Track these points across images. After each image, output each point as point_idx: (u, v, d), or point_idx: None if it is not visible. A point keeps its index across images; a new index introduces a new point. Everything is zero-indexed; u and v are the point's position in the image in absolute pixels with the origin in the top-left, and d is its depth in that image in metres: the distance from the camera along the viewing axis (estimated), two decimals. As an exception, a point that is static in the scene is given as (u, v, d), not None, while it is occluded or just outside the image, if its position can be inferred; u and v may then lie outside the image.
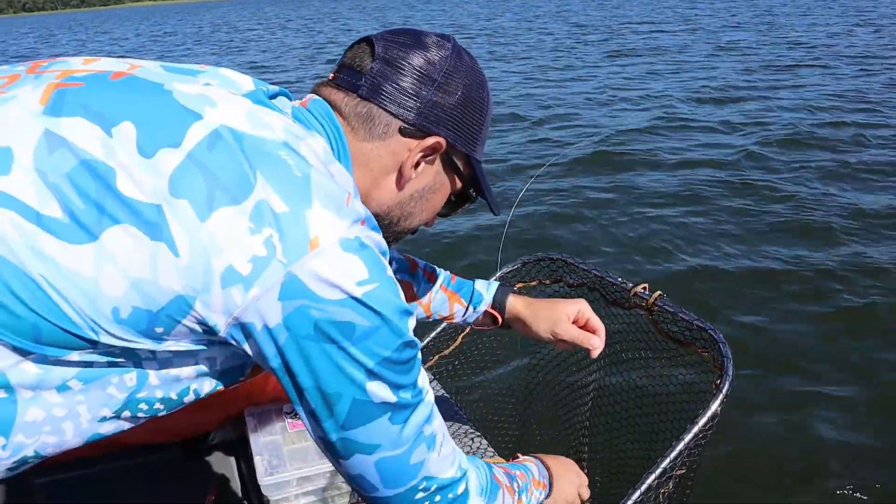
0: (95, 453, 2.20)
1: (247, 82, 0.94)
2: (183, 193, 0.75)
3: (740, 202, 5.72)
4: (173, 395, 0.88)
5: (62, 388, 0.80)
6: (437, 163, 1.01)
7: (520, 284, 1.73)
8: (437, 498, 0.94)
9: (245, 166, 0.78)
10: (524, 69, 12.72)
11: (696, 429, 1.26)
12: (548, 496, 1.25)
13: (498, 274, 1.72)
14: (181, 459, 2.26)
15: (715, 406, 1.29)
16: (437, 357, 1.75)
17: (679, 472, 1.31)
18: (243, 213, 0.76)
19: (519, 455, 1.31)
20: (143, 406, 0.87)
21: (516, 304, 1.47)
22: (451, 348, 1.74)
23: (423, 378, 0.91)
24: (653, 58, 12.51)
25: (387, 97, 0.95)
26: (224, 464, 2.14)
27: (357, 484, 0.91)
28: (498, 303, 1.48)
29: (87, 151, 0.76)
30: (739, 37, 14.49)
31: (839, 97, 8.95)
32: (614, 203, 5.85)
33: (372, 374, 0.82)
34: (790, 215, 5.40)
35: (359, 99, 0.96)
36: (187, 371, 0.87)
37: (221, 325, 0.78)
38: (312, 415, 0.84)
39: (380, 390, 0.83)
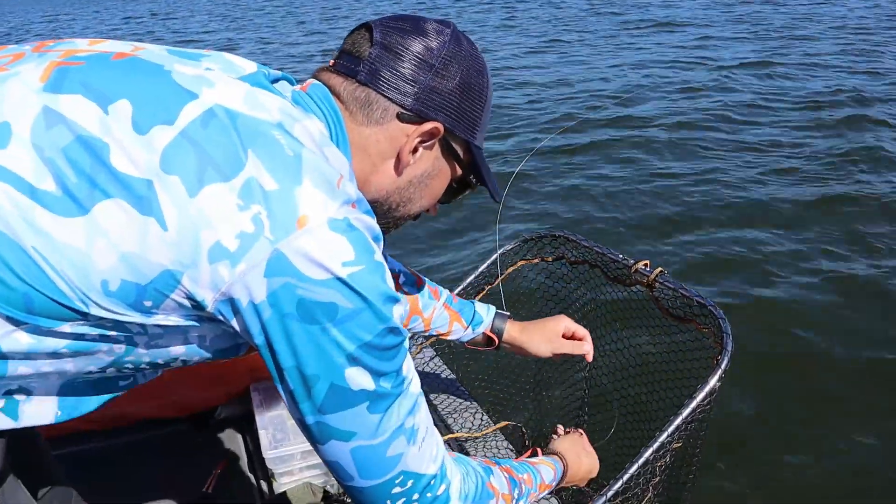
0: (108, 426, 2.25)
1: (249, 66, 0.95)
2: (174, 169, 0.77)
3: (744, 176, 5.70)
4: (160, 362, 0.91)
5: (52, 354, 0.83)
6: (436, 148, 1.02)
7: (521, 262, 1.74)
8: (416, 496, 0.93)
9: (237, 144, 0.79)
10: (535, 41, 12.61)
11: (693, 403, 1.27)
12: (559, 482, 1.30)
13: (499, 252, 1.73)
14: (190, 434, 2.29)
15: (713, 381, 1.31)
16: (433, 337, 1.76)
17: (677, 446, 1.33)
18: (233, 190, 0.77)
19: (538, 451, 1.34)
20: (129, 365, 0.90)
21: (512, 329, 1.56)
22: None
23: (409, 368, 0.90)
24: (667, 32, 12.35)
25: (385, 82, 0.95)
26: (231, 438, 2.17)
27: (333, 470, 0.90)
28: (496, 328, 1.55)
29: (83, 127, 0.78)
30: (755, 9, 14.31)
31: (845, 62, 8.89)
32: (615, 178, 5.83)
33: (352, 359, 0.81)
34: (795, 189, 5.38)
35: (357, 84, 0.96)
36: (176, 349, 0.89)
37: (209, 300, 0.78)
38: (291, 395, 0.84)
39: (359, 376, 0.83)
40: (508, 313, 1.58)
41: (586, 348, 1.52)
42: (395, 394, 0.87)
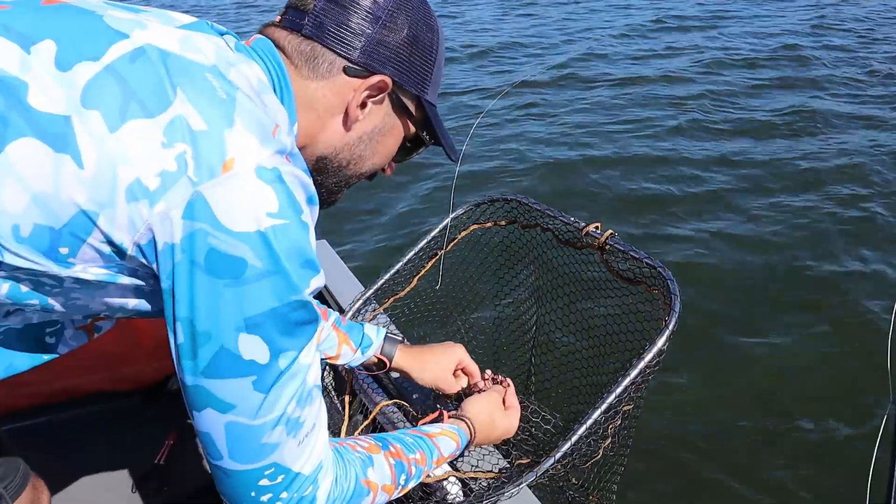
0: (55, 401, 2.21)
1: (192, 19, 0.91)
2: (95, 104, 0.74)
3: (693, 135, 5.78)
4: (79, 316, 0.89)
5: None
6: (386, 104, 0.99)
7: (474, 226, 1.73)
8: (284, 494, 0.87)
9: (166, 82, 0.76)
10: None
11: (641, 364, 1.28)
12: (463, 450, 1.26)
13: (451, 216, 1.71)
14: (141, 406, 2.27)
15: (661, 342, 1.31)
16: (391, 299, 1.75)
17: (626, 408, 1.34)
18: (157, 126, 0.74)
19: (445, 414, 1.29)
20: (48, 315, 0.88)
21: (401, 356, 1.49)
22: (406, 291, 1.74)
23: (311, 354, 0.85)
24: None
25: (330, 35, 0.93)
26: (182, 409, 2.14)
27: (204, 444, 0.84)
28: (386, 352, 1.49)
29: (1, 68, 0.74)
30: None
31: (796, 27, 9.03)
32: (570, 138, 5.86)
33: (249, 326, 0.76)
34: (743, 147, 5.47)
35: (302, 38, 0.93)
36: (96, 302, 0.85)
37: (127, 242, 0.75)
38: (177, 349, 0.79)
39: (252, 346, 0.77)
40: (400, 337, 1.54)
41: (463, 384, 1.49)
42: (287, 374, 0.81)
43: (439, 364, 1.49)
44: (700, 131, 5.91)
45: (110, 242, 0.75)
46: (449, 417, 1.28)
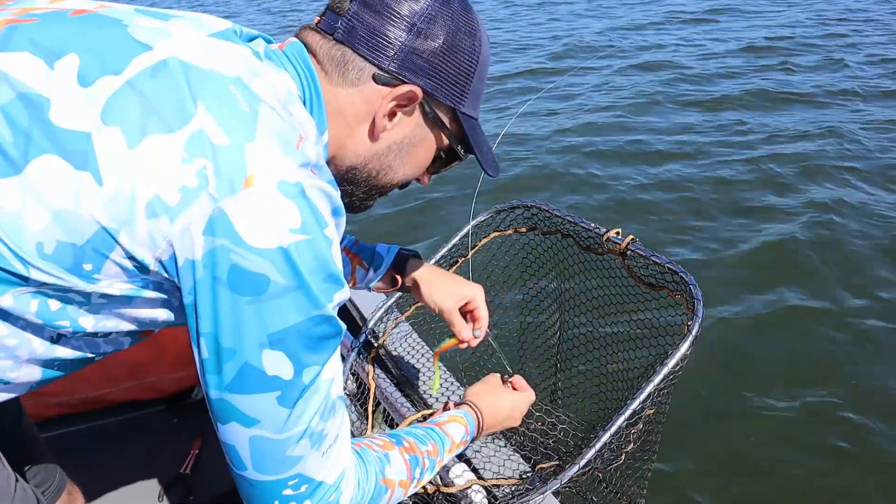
0: (82, 410, 2.24)
1: (221, 24, 0.91)
2: (115, 120, 0.74)
3: (719, 147, 5.73)
4: (108, 332, 0.87)
5: (5, 319, 0.80)
6: (417, 114, 0.96)
7: (495, 234, 1.73)
8: (307, 503, 0.87)
9: (186, 95, 0.76)
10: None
11: (665, 370, 1.27)
12: (474, 439, 1.24)
13: (472, 223, 1.72)
14: (166, 415, 2.29)
15: (685, 347, 1.30)
16: (413, 307, 1.75)
17: (649, 413, 1.33)
18: (177, 142, 0.73)
19: (450, 405, 1.28)
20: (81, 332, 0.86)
21: (416, 267, 1.43)
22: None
23: (334, 368, 0.84)
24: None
25: (361, 41, 0.91)
26: (207, 418, 2.16)
27: (228, 455, 0.84)
28: (398, 265, 1.43)
29: (25, 84, 0.75)
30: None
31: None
32: (590, 148, 5.83)
33: (273, 342, 0.76)
34: (769, 161, 5.41)
35: (334, 42, 0.92)
36: (125, 324, 0.85)
37: (149, 259, 0.75)
38: (202, 364, 0.79)
39: (276, 362, 0.77)
40: (416, 252, 1.47)
41: (465, 335, 1.38)
42: (311, 389, 0.81)
43: (451, 288, 1.39)
44: (734, 135, 5.85)
45: (132, 258, 0.75)
46: (454, 406, 1.27)
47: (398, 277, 1.43)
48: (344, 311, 2.08)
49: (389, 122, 0.95)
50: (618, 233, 1.53)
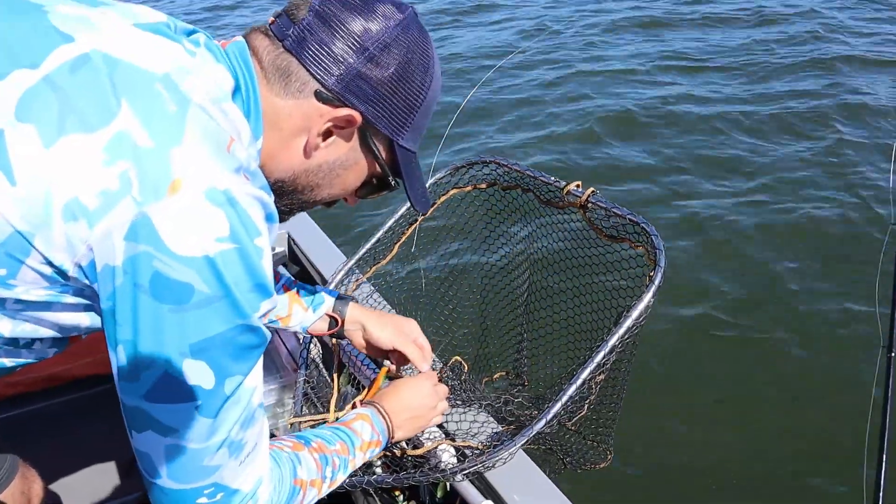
0: (38, 388, 2.18)
1: (155, 16, 0.85)
2: (30, 118, 0.69)
3: (671, 93, 5.76)
4: (26, 339, 0.83)
5: None
6: (355, 139, 0.93)
7: (453, 190, 1.70)
8: None
9: (109, 93, 0.72)
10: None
11: (628, 321, 1.27)
12: (386, 446, 1.24)
13: (431, 181, 1.69)
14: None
15: (648, 297, 1.30)
16: (373, 268, 1.73)
17: (613, 361, 1.34)
18: (96, 143, 0.69)
19: (357, 404, 1.28)
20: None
21: (357, 310, 1.43)
22: (388, 259, 1.72)
23: (256, 378, 0.82)
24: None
25: (309, 54, 0.86)
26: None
27: (142, 463, 0.81)
28: (339, 309, 1.42)
29: None
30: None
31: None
32: (552, 102, 5.81)
33: (195, 351, 0.73)
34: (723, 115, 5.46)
35: (282, 49, 0.87)
36: (45, 331, 0.82)
37: (68, 264, 0.72)
38: (119, 371, 0.76)
39: (198, 371, 0.74)
40: (352, 297, 1.49)
41: (423, 367, 1.40)
42: (233, 400, 0.79)
43: (397, 324, 1.42)
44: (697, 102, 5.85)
45: (50, 264, 0.72)
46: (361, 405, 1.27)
47: (338, 319, 1.42)
48: (305, 274, 2.06)
49: (323, 142, 0.91)
50: (578, 185, 1.52)
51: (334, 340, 1.64)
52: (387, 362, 1.46)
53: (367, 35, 0.88)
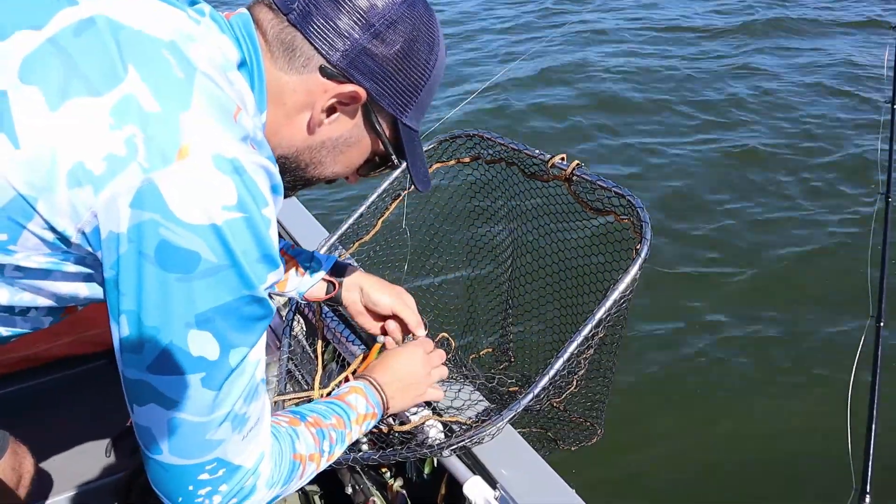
0: (21, 368, 2.16)
1: None
2: (34, 79, 0.68)
3: (659, 66, 5.73)
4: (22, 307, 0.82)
5: None
6: (358, 116, 0.92)
7: (437, 164, 1.68)
8: (222, 487, 0.83)
9: (115, 57, 0.70)
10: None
11: (615, 295, 1.27)
12: (383, 416, 1.23)
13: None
14: (107, 368, 2.22)
15: (634, 270, 1.30)
16: (357, 244, 1.71)
17: (601, 337, 1.34)
18: (103, 106, 0.68)
19: (350, 377, 1.27)
20: None
21: (356, 272, 1.42)
22: (371, 234, 1.70)
23: (260, 349, 0.82)
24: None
25: (314, 29, 0.85)
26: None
27: (141, 437, 0.80)
28: (336, 273, 1.41)
29: None
30: None
31: None
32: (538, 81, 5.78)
33: (200, 321, 0.72)
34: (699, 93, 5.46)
35: (286, 23, 0.85)
36: (43, 300, 0.81)
37: (71, 230, 0.70)
38: (121, 342, 0.74)
39: (202, 342, 0.73)
40: (349, 261, 1.46)
41: (420, 331, 1.41)
42: (237, 372, 0.78)
43: (393, 290, 1.42)
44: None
45: (52, 230, 0.70)
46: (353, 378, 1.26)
47: (335, 282, 1.41)
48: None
49: (327, 118, 0.90)
50: (563, 158, 1.50)
51: (318, 315, 1.63)
52: (381, 338, 1.44)
53: (373, 11, 0.86)
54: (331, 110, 0.90)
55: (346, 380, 1.39)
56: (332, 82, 0.87)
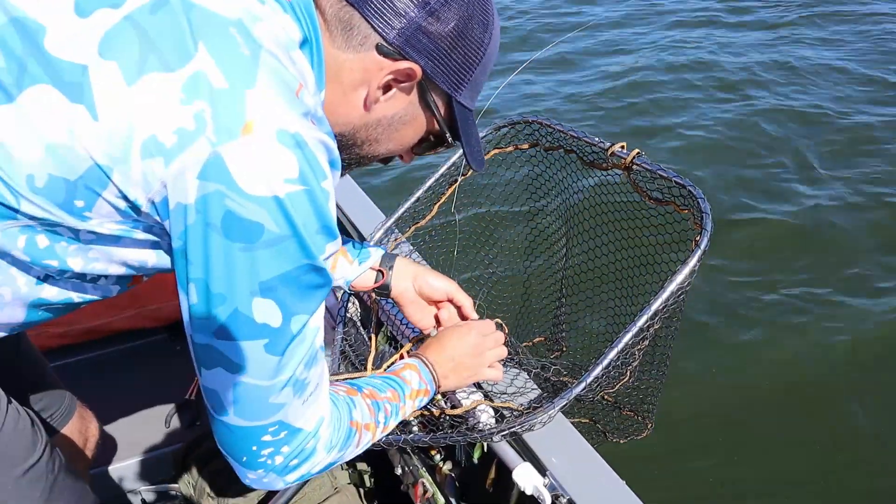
0: (82, 340, 2.24)
1: None
2: (113, 55, 0.71)
3: (726, 61, 5.60)
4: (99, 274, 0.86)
5: None
6: (414, 94, 0.94)
7: (495, 151, 1.67)
8: (284, 448, 0.88)
9: (187, 35, 0.73)
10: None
11: (672, 286, 1.25)
12: (435, 394, 1.24)
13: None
14: (167, 342, 2.29)
15: (693, 262, 1.27)
16: (412, 228, 1.72)
17: (656, 328, 1.32)
18: (175, 82, 0.71)
19: (403, 355, 1.28)
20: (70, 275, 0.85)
21: (406, 262, 1.43)
22: (427, 219, 1.71)
23: (319, 319, 0.85)
24: None
25: (371, 7, 0.86)
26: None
27: (209, 399, 0.85)
28: (385, 262, 1.42)
29: (19, 8, 0.72)
30: None
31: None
32: (597, 65, 5.70)
33: (264, 289, 0.75)
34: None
35: (344, 3, 0.87)
36: (115, 267, 0.84)
37: (142, 199, 0.73)
38: (190, 309, 0.78)
39: (266, 310, 0.77)
40: (406, 244, 1.48)
41: (470, 306, 1.41)
42: (299, 339, 0.81)
43: (443, 276, 1.43)
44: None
45: (125, 198, 0.74)
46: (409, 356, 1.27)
47: (384, 271, 1.42)
48: (343, 232, 2.05)
49: (383, 95, 0.92)
50: (623, 147, 1.48)
51: (374, 297, 1.64)
52: (434, 332, 1.44)
53: None
54: (386, 88, 0.91)
55: (401, 358, 1.40)
56: (388, 60, 0.88)
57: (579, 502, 1.19)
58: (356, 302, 1.71)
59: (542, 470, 1.26)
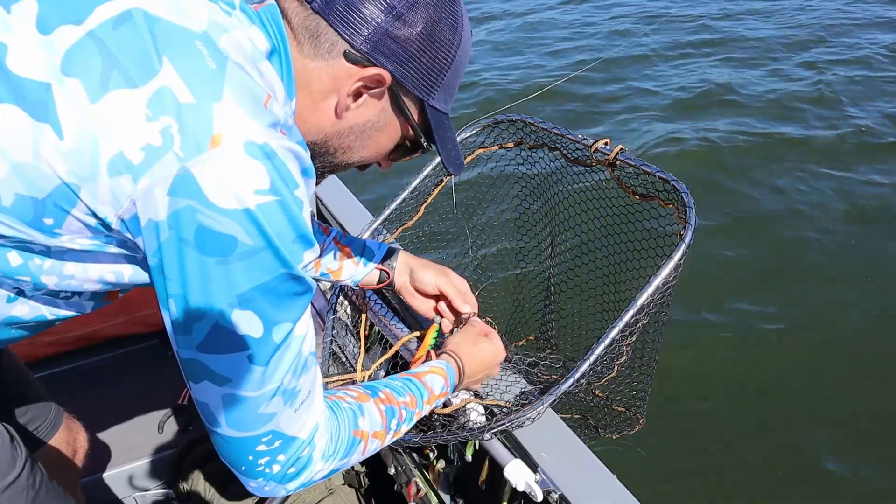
0: (74, 347, 2.23)
1: None
2: (76, 72, 0.71)
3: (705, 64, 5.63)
4: (70, 290, 0.86)
5: None
6: (385, 100, 0.93)
7: (479, 150, 1.68)
8: (280, 457, 0.87)
9: (151, 50, 0.73)
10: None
11: (658, 280, 1.26)
12: (455, 388, 1.24)
13: (457, 139, 1.66)
14: (159, 348, 2.29)
15: (678, 256, 1.29)
16: (400, 229, 1.73)
17: (643, 323, 1.33)
18: (140, 98, 0.71)
19: (433, 354, 1.28)
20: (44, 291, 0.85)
21: (407, 257, 1.45)
22: (415, 219, 1.72)
23: (305, 325, 0.84)
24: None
25: (337, 14, 0.86)
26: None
27: (201, 412, 0.84)
28: (388, 262, 1.44)
29: None
30: None
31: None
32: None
33: (242, 301, 0.75)
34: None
35: (310, 11, 0.87)
36: (90, 283, 0.84)
37: (112, 217, 0.73)
38: (172, 325, 0.78)
39: (246, 321, 0.76)
40: (398, 245, 1.48)
41: (466, 308, 1.42)
42: (283, 348, 0.81)
43: (439, 268, 1.45)
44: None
45: (94, 216, 0.73)
46: (435, 356, 1.27)
47: (388, 270, 1.44)
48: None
49: (354, 102, 0.91)
50: (606, 143, 1.49)
51: (362, 299, 1.65)
52: (437, 318, 1.46)
53: None
54: (357, 95, 0.91)
55: (395, 359, 1.40)
56: (357, 66, 0.88)
57: (571, 497, 1.19)
58: (345, 303, 1.72)
59: (533, 466, 1.27)
